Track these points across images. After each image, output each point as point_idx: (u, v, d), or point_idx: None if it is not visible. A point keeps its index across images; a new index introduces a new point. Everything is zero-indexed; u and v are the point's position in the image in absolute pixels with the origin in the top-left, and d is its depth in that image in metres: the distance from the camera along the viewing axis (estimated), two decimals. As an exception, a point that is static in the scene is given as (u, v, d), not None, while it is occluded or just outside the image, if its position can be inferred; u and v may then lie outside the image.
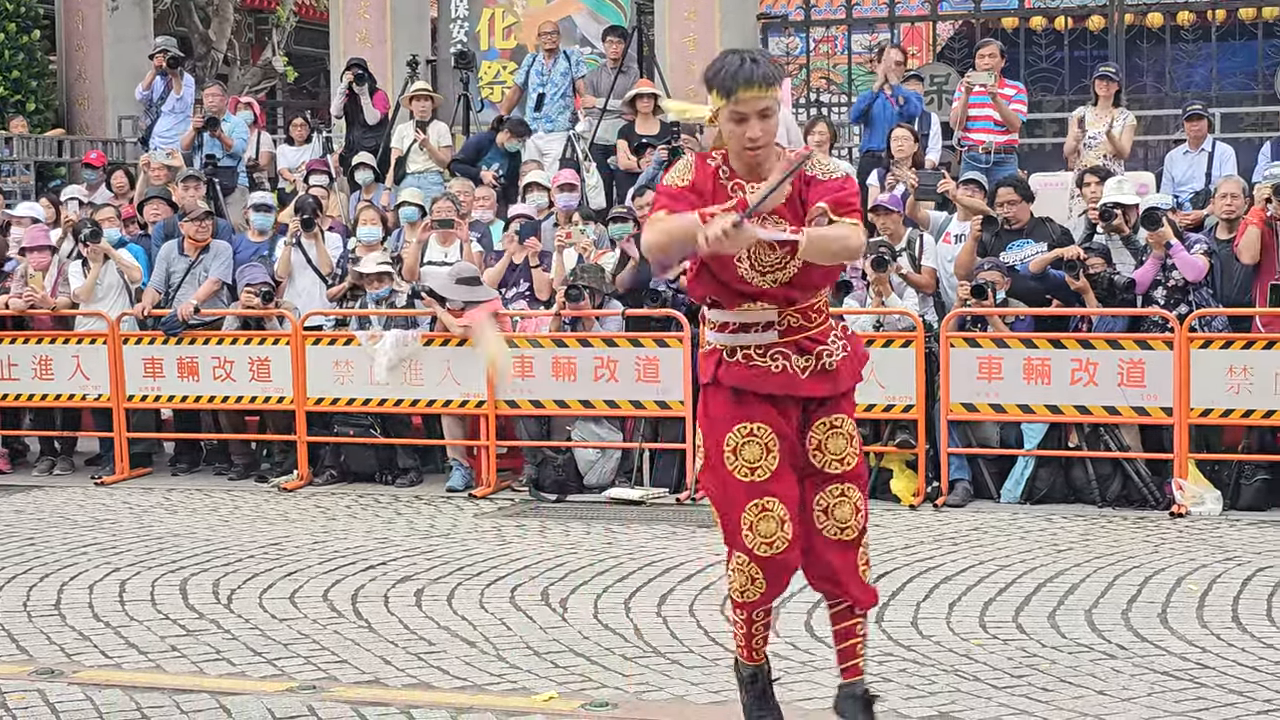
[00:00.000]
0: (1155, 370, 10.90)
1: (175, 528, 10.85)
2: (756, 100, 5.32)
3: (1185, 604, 8.16)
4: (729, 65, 5.34)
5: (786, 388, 5.55)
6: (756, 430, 5.55)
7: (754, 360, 5.56)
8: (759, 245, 5.35)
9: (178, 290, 13.25)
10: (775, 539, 5.52)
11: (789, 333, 5.55)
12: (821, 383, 5.57)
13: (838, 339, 5.63)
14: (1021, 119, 14.82)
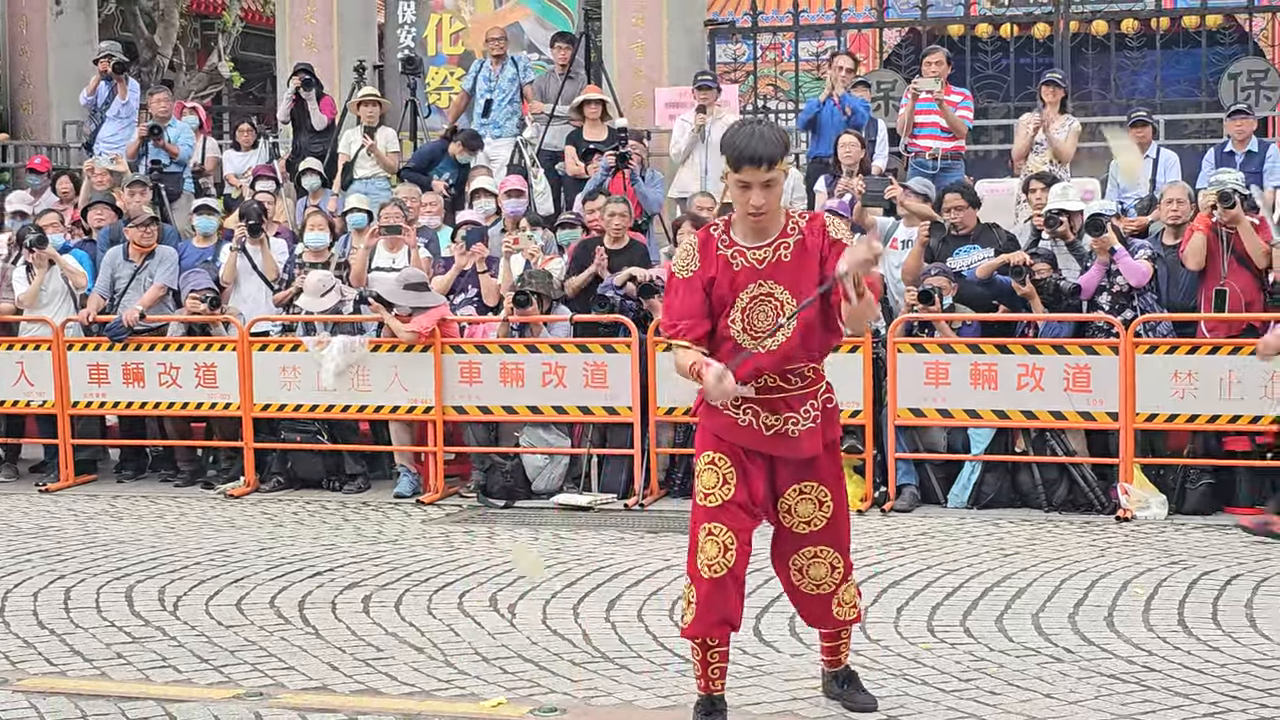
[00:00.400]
0: (1101, 375, 10.97)
1: (120, 534, 10.78)
2: (758, 174, 5.66)
3: (1131, 607, 8.21)
4: (738, 139, 5.70)
5: (749, 442, 5.91)
6: (717, 460, 5.93)
7: (728, 409, 5.91)
8: (752, 315, 5.80)
9: (123, 296, 13.17)
10: (715, 563, 5.84)
11: (764, 391, 5.86)
12: (781, 445, 5.92)
13: (812, 409, 5.93)
14: (968, 125, 14.88)
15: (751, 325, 5.81)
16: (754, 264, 5.81)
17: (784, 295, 5.77)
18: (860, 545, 9.97)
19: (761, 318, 5.81)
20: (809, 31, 21.82)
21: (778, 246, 5.83)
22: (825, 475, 6.03)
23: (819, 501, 6.00)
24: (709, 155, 14.69)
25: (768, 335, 5.77)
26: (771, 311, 5.79)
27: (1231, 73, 16.57)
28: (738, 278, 5.83)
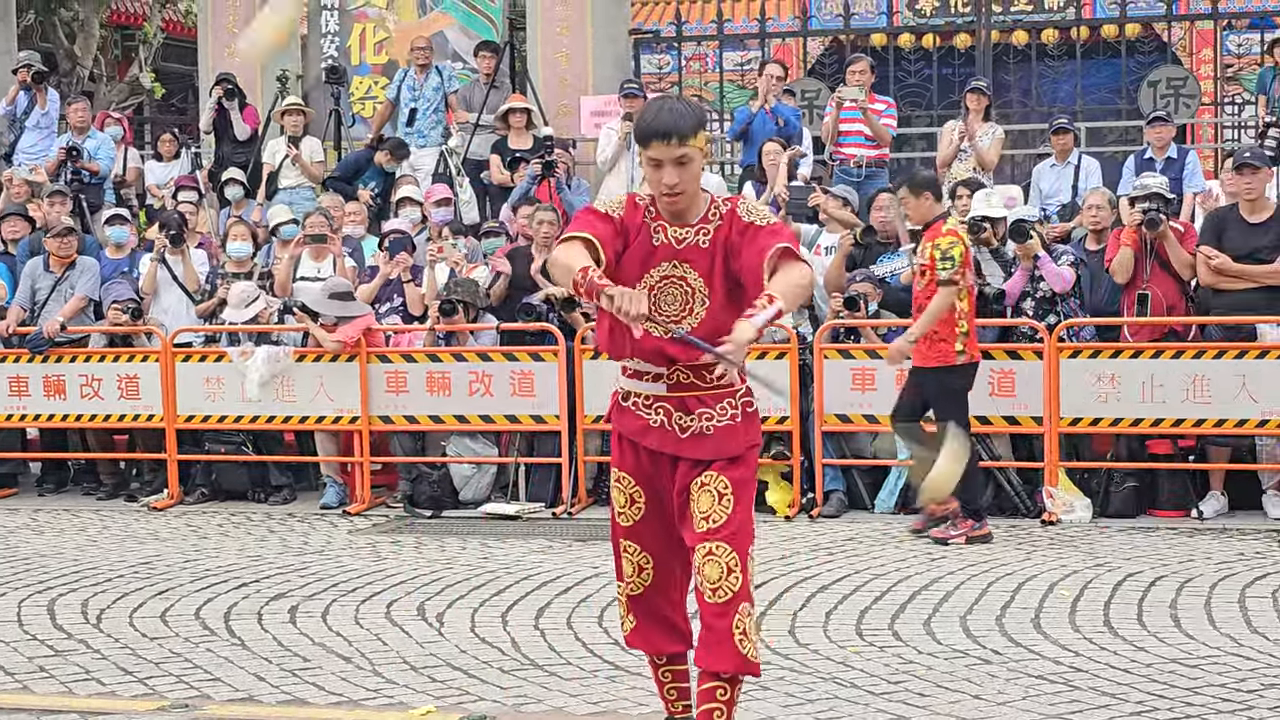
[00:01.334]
0: (1025, 380, 11.04)
1: (42, 548, 10.66)
2: (668, 150, 5.19)
3: (1058, 609, 8.25)
4: (647, 113, 5.29)
5: (661, 444, 5.46)
6: (622, 480, 5.57)
7: (640, 410, 5.50)
8: (661, 298, 5.33)
9: (43, 307, 13.05)
10: (633, 581, 5.60)
11: (676, 388, 5.41)
12: (698, 445, 5.41)
13: (729, 408, 5.41)
14: (892, 134, 14.96)
15: (658, 307, 5.31)
16: (672, 242, 5.36)
17: (697, 282, 5.32)
18: (789, 551, 10.01)
19: (669, 301, 5.33)
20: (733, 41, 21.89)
21: (699, 230, 5.36)
22: (730, 472, 5.40)
23: (718, 494, 5.36)
24: (635, 164, 14.70)
25: (673, 321, 5.27)
26: (681, 296, 5.33)
27: (1151, 80, 16.71)
28: (655, 253, 5.37)
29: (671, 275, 5.35)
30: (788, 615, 8.23)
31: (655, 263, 5.36)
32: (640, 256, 5.37)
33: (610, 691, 6.88)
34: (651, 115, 5.25)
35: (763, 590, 8.78)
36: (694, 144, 5.22)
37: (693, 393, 5.40)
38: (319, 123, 16.80)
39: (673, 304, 5.34)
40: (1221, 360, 10.78)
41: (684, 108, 5.27)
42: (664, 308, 5.32)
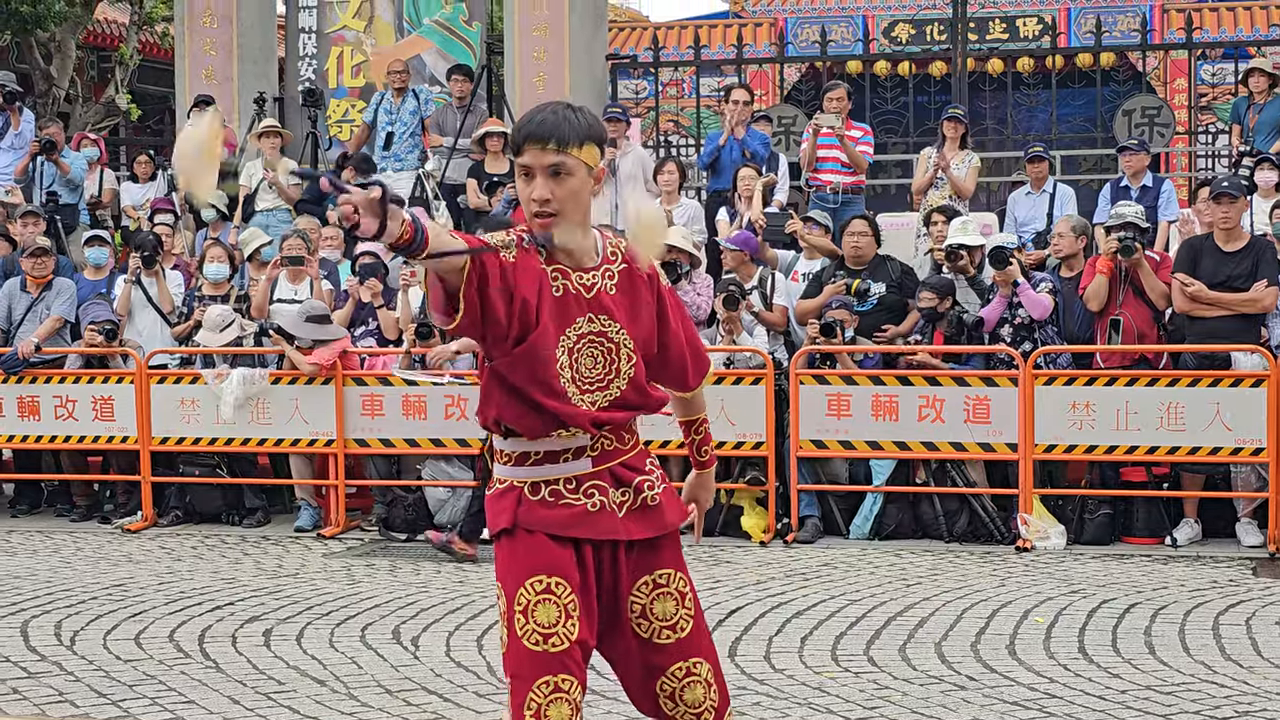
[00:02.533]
0: (1000, 407, 11.07)
1: (15, 569, 10.62)
2: (541, 155, 4.21)
3: (1033, 636, 8.27)
4: (524, 116, 4.32)
5: (609, 531, 4.41)
6: (555, 586, 4.33)
7: (564, 497, 4.40)
8: (580, 362, 4.33)
9: (19, 328, 13.01)
10: None
11: (603, 459, 4.43)
12: (644, 522, 4.47)
13: (654, 466, 4.57)
14: (868, 160, 15.01)
15: (579, 374, 4.34)
16: (580, 290, 4.34)
17: (621, 336, 4.38)
18: (764, 576, 10.01)
19: (590, 364, 4.35)
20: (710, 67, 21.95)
21: (603, 273, 4.38)
22: (679, 561, 4.57)
23: (680, 595, 4.49)
24: (618, 189, 14.73)
25: (598, 389, 4.38)
26: (604, 357, 4.36)
27: (1126, 109, 16.82)
28: (563, 305, 4.32)
29: (589, 333, 4.36)
30: (763, 640, 8.23)
31: (571, 319, 4.34)
32: (548, 312, 4.30)
33: (585, 715, 6.85)
34: (529, 117, 4.30)
35: (738, 615, 8.80)
36: (577, 155, 4.22)
37: (619, 459, 4.47)
38: (296, 145, 16.80)
39: (595, 368, 4.37)
40: (1196, 388, 10.83)
41: (574, 115, 4.27)
42: (586, 373, 4.34)
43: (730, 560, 10.66)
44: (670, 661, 4.47)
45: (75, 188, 16.36)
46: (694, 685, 4.49)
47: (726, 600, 9.24)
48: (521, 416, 4.34)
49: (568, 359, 4.32)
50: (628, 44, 27.82)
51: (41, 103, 23.18)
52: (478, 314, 4.17)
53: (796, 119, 16.98)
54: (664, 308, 4.51)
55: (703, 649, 4.52)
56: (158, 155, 18.18)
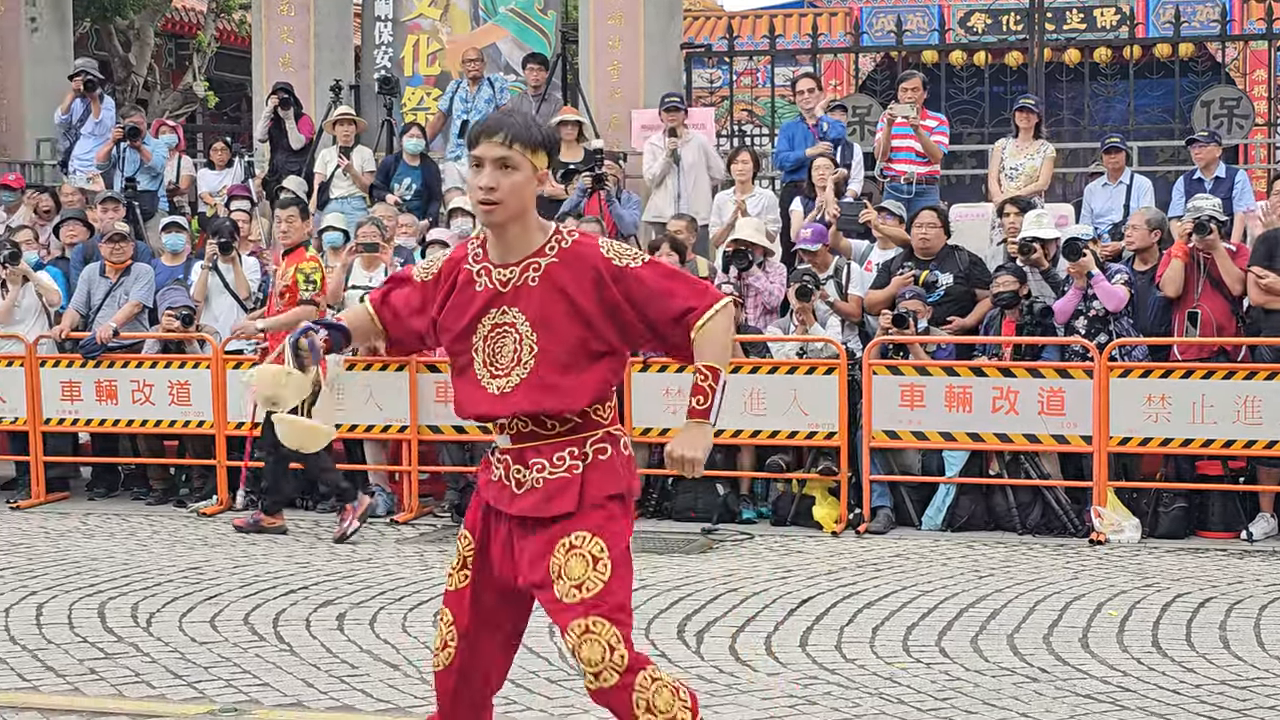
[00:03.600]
0: (1075, 399, 11.00)
1: (93, 551, 10.74)
2: (491, 147, 4.70)
3: (1106, 629, 8.23)
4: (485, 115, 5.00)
5: (497, 499, 4.89)
6: (462, 538, 5.01)
7: (491, 464, 4.98)
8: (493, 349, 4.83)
9: (98, 312, 13.13)
10: (437, 655, 5.02)
11: (518, 439, 4.85)
12: (528, 500, 4.81)
13: (570, 459, 4.80)
14: (943, 150, 14.93)
15: (492, 359, 4.82)
16: (497, 285, 4.84)
17: (525, 328, 4.78)
18: (835, 566, 10.00)
19: (503, 352, 4.81)
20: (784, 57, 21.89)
21: (526, 267, 4.82)
22: (603, 529, 4.76)
23: (592, 559, 4.70)
24: (682, 178, 14.74)
25: (503, 374, 4.80)
26: (511, 346, 4.79)
27: (1204, 100, 16.66)
28: (475, 299, 4.86)
29: (501, 323, 4.83)
30: (835, 630, 8.22)
31: (480, 311, 4.85)
32: (459, 306, 4.89)
33: (657, 703, 6.87)
34: (489, 115, 4.93)
35: (809, 605, 8.79)
36: (525, 154, 4.72)
37: (532, 443, 4.84)
38: (371, 133, 16.88)
39: (504, 355, 4.81)
40: (1273, 381, 10.72)
41: (530, 120, 4.83)
42: (497, 360, 4.82)
43: (802, 550, 10.66)
44: (572, 617, 4.67)
45: (155, 174, 16.54)
46: (591, 643, 4.64)
47: (798, 590, 9.24)
48: (457, 393, 4.97)
49: (482, 344, 4.86)
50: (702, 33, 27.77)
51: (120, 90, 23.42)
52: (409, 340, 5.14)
53: (871, 109, 16.91)
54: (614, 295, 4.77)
55: (609, 611, 4.66)
56: (234, 142, 18.35)
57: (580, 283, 4.77)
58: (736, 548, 10.82)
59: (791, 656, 7.72)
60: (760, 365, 11.64)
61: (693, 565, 10.08)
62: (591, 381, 4.80)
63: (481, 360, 4.85)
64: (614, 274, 4.76)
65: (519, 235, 4.82)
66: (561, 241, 4.82)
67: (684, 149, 14.78)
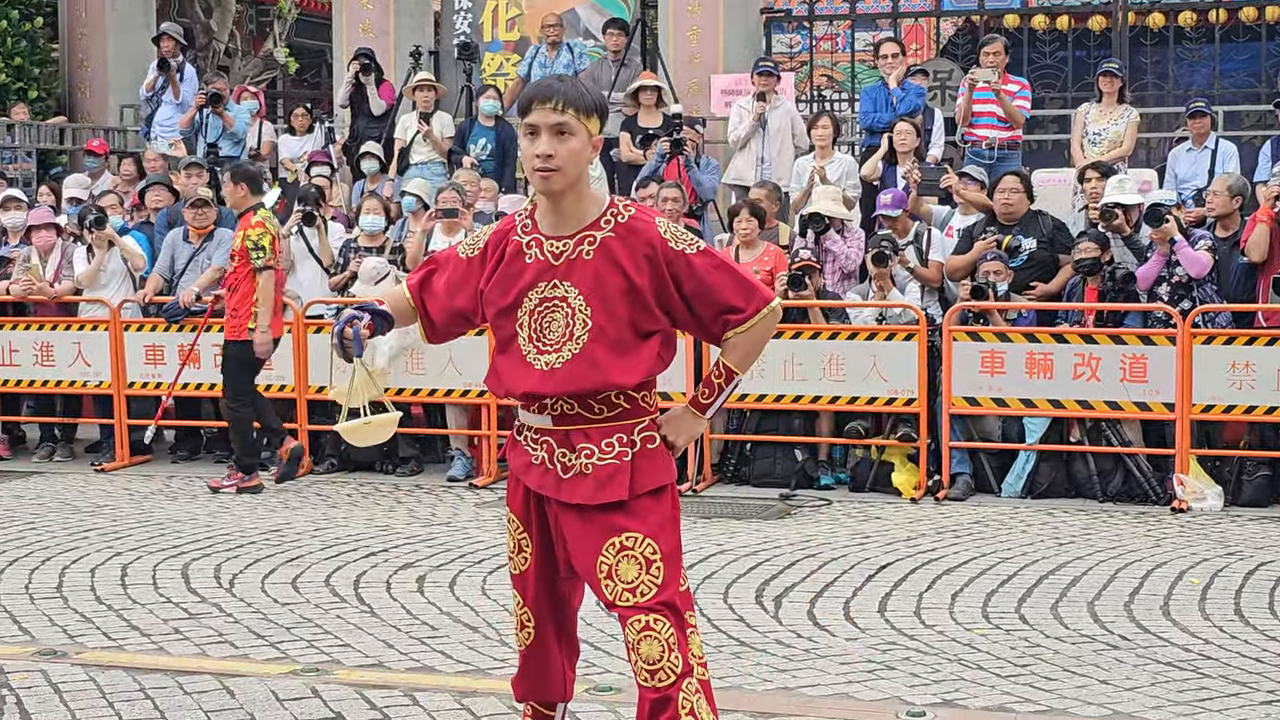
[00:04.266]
0: (1158, 365, 10.91)
1: (176, 513, 10.85)
2: (546, 114, 4.57)
3: (1187, 597, 8.17)
4: (533, 82, 4.85)
5: (542, 485, 4.77)
6: (510, 521, 4.96)
7: (527, 444, 4.82)
8: (542, 323, 4.68)
9: (181, 277, 13.24)
10: (519, 633, 5.03)
11: (561, 420, 4.72)
12: (579, 487, 4.69)
13: (619, 445, 4.69)
14: (1025, 115, 14.81)
15: (540, 334, 4.66)
16: (549, 257, 4.68)
17: (578, 302, 4.62)
18: (914, 533, 9.97)
19: (553, 326, 4.65)
20: (865, 21, 21.76)
21: (581, 240, 4.66)
22: (651, 524, 4.67)
23: (645, 560, 4.61)
24: (767, 143, 14.69)
25: (553, 350, 4.65)
26: (562, 320, 4.63)
27: (1291, 64, 16.47)
28: (525, 272, 4.69)
29: (551, 297, 4.68)
30: (914, 596, 8.21)
31: (529, 284, 4.70)
32: (506, 278, 4.74)
33: (734, 667, 6.90)
34: (538, 82, 4.71)
35: (888, 571, 8.78)
36: (581, 120, 4.58)
37: (578, 425, 4.71)
38: (451, 99, 16.92)
39: (554, 330, 4.66)
40: (1360, 349, 10.61)
41: (582, 85, 4.69)
42: (546, 335, 4.66)
43: (880, 516, 10.63)
44: (629, 614, 4.61)
45: (237, 140, 16.64)
46: (650, 641, 4.58)
47: (877, 556, 9.22)
48: (499, 368, 4.79)
49: (528, 319, 4.69)
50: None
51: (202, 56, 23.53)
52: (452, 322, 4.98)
53: (952, 73, 16.79)
54: (664, 275, 4.65)
55: (666, 609, 4.60)
56: (315, 108, 18.42)
57: (636, 259, 4.63)
58: (814, 513, 10.81)
59: (870, 622, 7.71)
60: (839, 331, 11.61)
61: (770, 531, 10.08)
62: (643, 361, 4.67)
63: (527, 335, 4.68)
64: (668, 256, 4.63)
65: (573, 205, 4.67)
66: (618, 216, 4.68)
67: (771, 114, 14.73)
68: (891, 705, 6.32)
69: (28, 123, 19.00)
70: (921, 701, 6.37)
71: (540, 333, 4.67)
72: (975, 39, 17.55)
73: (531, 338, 4.67)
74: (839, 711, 6.25)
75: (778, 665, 6.93)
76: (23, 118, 18.92)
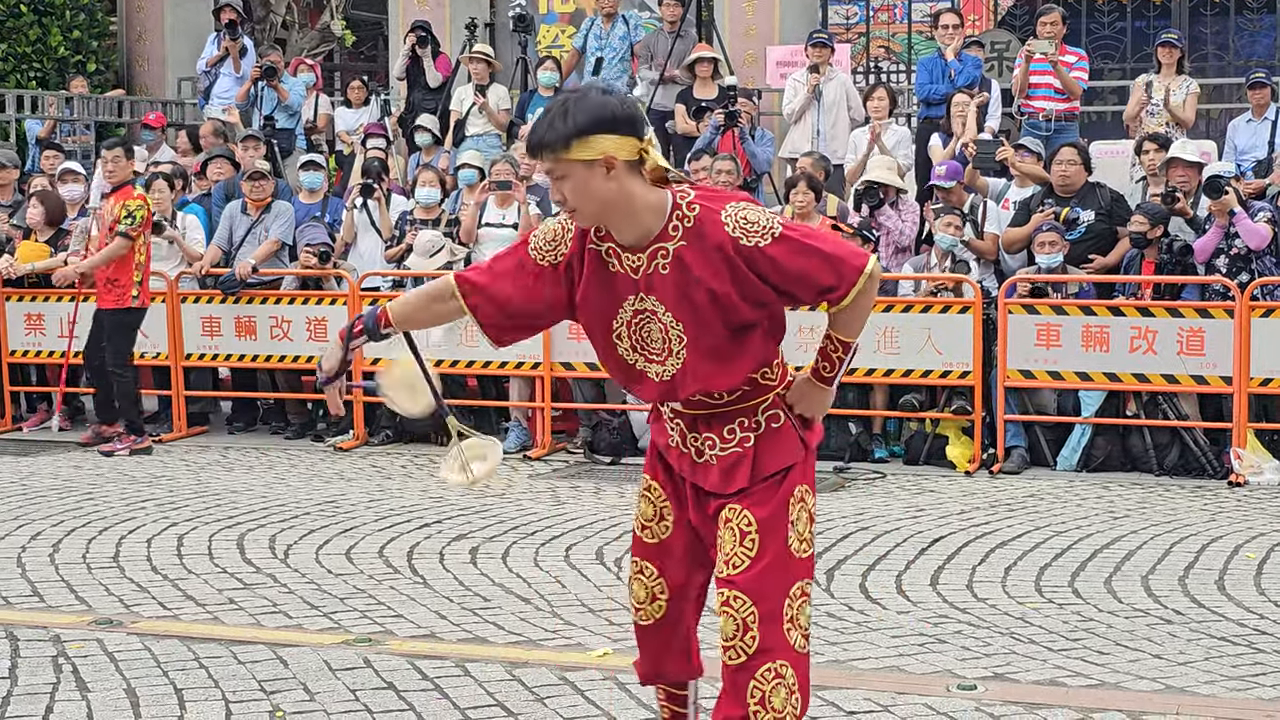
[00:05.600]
0: (1215, 339, 10.83)
1: (232, 484, 10.92)
2: (541, 165, 4.41)
3: (1243, 571, 8.12)
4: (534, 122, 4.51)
5: (680, 465, 4.72)
6: (651, 489, 4.82)
7: (667, 423, 4.75)
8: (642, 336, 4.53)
9: (239, 249, 13.31)
10: (642, 609, 4.82)
11: (691, 405, 4.62)
12: (705, 474, 4.65)
13: (740, 430, 4.61)
14: (1083, 87, 14.69)
15: (642, 345, 4.54)
16: (628, 271, 4.50)
17: (667, 318, 4.46)
18: (968, 506, 9.94)
19: (651, 338, 4.52)
20: (922, -9, 21.62)
21: (654, 254, 4.44)
22: (757, 503, 4.57)
23: (740, 533, 4.54)
24: (822, 115, 14.65)
25: (661, 359, 4.52)
26: (658, 332, 4.49)
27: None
28: (616, 282, 4.51)
29: (642, 309, 4.51)
30: (966, 570, 8.19)
31: (624, 296, 4.53)
32: (598, 285, 4.55)
33: (786, 640, 6.89)
34: (533, 125, 4.45)
35: (941, 544, 8.76)
36: (567, 158, 4.31)
37: (701, 410, 4.63)
38: (506, 71, 16.92)
39: (653, 342, 4.53)
40: None
41: (560, 119, 4.32)
42: (648, 346, 4.54)
43: (934, 489, 10.60)
44: (719, 586, 4.55)
45: (293, 113, 16.69)
46: (726, 617, 4.49)
47: (930, 529, 9.20)
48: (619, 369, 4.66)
49: (626, 330, 4.55)
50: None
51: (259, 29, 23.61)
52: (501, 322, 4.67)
53: (1010, 44, 16.69)
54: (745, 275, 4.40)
55: (748, 587, 4.49)
56: (371, 81, 18.46)
57: (713, 265, 4.39)
58: (869, 486, 10.78)
59: (922, 595, 7.69)
60: (894, 304, 11.57)
61: (825, 504, 10.06)
62: (749, 358, 4.52)
63: (629, 345, 4.56)
64: (744, 254, 4.37)
65: (629, 222, 4.42)
66: (685, 221, 4.40)
67: (825, 86, 14.68)
68: (942, 678, 6.31)
69: (86, 95, 19.11)
70: (973, 675, 6.36)
71: (642, 344, 4.55)
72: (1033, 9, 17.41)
73: (635, 347, 4.56)
74: (890, 684, 6.24)
75: (829, 638, 6.92)
76: (81, 90, 19.04)
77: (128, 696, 6.15)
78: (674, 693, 5.04)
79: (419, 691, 6.19)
